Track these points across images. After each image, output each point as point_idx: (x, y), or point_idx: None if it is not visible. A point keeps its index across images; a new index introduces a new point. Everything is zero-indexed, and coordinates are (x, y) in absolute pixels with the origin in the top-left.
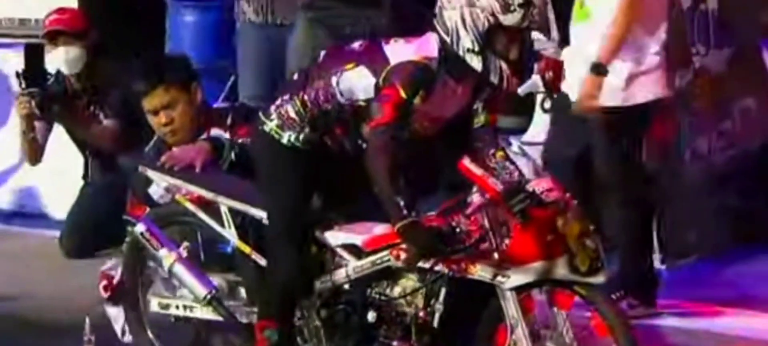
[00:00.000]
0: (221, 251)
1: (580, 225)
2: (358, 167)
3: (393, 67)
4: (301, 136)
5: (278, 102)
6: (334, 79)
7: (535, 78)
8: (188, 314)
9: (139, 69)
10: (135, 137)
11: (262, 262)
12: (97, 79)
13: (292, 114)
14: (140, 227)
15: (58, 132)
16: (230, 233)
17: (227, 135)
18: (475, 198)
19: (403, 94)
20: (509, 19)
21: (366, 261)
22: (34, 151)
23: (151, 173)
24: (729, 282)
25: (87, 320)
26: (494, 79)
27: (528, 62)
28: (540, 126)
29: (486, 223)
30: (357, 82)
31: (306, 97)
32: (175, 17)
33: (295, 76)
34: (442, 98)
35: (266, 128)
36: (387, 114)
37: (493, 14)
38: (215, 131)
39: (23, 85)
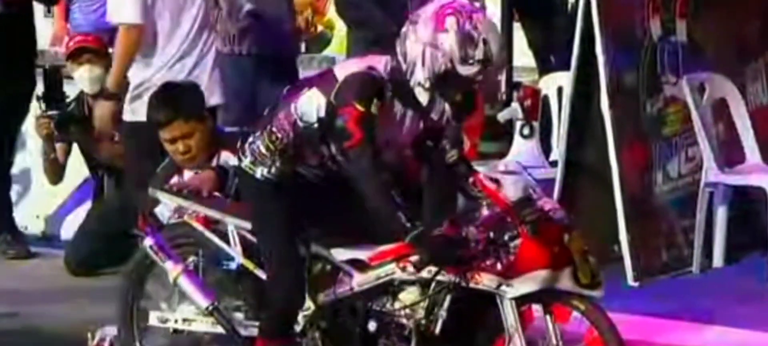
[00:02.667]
0: (223, 273)
1: (583, 242)
2: (341, 193)
3: (341, 84)
4: (273, 170)
5: (250, 139)
6: (292, 107)
7: (515, 106)
8: (187, 327)
9: (155, 100)
10: None
11: (265, 276)
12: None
13: (263, 149)
14: (149, 241)
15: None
16: (236, 251)
17: (236, 159)
18: (484, 212)
19: (360, 107)
20: (465, 70)
21: (371, 274)
22: (55, 172)
23: (160, 195)
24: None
25: (89, 335)
26: (435, 116)
27: (470, 104)
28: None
29: (492, 234)
30: (310, 105)
31: (273, 129)
32: None
33: (266, 112)
34: (393, 118)
35: (242, 165)
36: (354, 133)
37: (451, 61)
38: (225, 154)
39: (43, 108)
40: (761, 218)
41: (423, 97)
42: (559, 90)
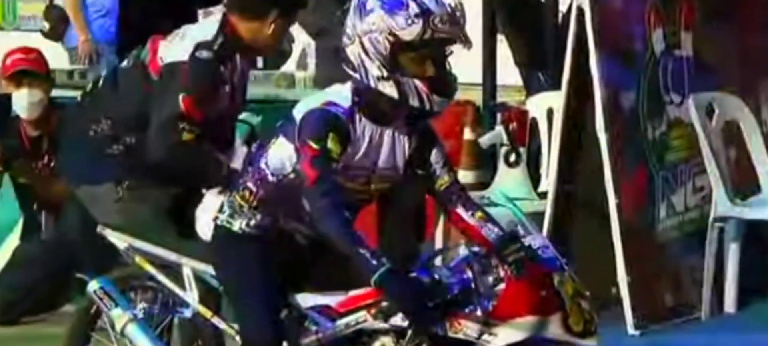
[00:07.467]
0: (177, 320)
1: (576, 285)
2: (322, 248)
3: (298, 125)
4: (252, 222)
5: (229, 194)
6: (262, 162)
7: (499, 129)
8: None
9: None
10: None
11: (222, 325)
12: (51, 129)
13: (240, 203)
14: (94, 285)
15: None
16: (191, 296)
17: None
18: (461, 250)
19: (315, 146)
20: (409, 34)
21: (339, 323)
22: None
23: (108, 233)
24: None
25: None
26: (413, 101)
27: (448, 77)
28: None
29: (471, 275)
30: (281, 154)
31: (249, 183)
32: None
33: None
34: (371, 143)
35: (219, 222)
36: (309, 174)
37: (391, 33)
38: None
39: None
40: None
41: (389, 90)
42: (549, 111)
